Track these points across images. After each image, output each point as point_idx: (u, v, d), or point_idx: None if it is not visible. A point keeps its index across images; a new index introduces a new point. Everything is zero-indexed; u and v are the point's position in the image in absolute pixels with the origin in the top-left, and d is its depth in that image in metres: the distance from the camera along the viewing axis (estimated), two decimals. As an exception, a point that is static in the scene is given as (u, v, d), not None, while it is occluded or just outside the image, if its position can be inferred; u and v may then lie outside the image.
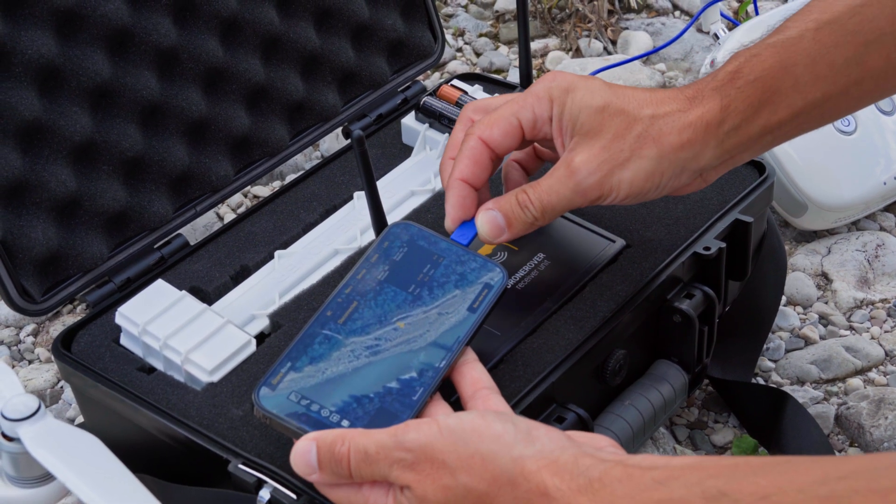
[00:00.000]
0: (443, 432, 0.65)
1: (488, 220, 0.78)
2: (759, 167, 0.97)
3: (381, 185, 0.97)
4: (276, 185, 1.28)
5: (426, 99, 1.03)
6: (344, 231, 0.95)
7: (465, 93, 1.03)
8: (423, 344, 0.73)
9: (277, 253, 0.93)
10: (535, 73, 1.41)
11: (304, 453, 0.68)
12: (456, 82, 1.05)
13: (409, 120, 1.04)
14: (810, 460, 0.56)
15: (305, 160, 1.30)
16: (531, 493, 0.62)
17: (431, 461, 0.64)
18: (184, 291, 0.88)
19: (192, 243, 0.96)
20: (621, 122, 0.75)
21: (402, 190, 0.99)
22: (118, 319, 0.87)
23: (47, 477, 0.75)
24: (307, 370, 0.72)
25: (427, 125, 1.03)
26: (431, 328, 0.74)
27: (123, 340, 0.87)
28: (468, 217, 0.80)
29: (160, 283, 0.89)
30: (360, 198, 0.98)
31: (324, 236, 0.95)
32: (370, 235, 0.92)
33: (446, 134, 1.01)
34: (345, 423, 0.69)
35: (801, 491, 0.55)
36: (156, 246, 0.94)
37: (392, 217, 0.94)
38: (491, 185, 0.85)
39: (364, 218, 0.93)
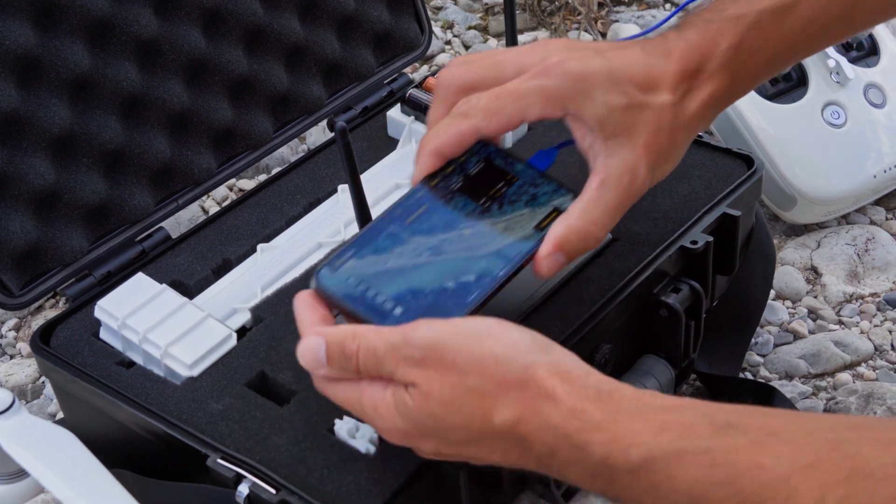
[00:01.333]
0: (458, 331, 0.64)
1: (554, 263, 0.73)
2: (747, 160, 0.96)
3: (366, 177, 0.96)
4: (262, 178, 1.27)
5: (412, 91, 1.02)
6: (328, 224, 0.94)
7: None
8: (485, 252, 0.74)
9: (260, 246, 0.92)
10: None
11: (314, 349, 0.67)
12: None
13: (394, 112, 1.03)
14: (818, 413, 0.57)
15: (292, 153, 1.30)
16: (538, 396, 0.62)
17: (440, 359, 0.64)
18: (164, 285, 0.87)
19: (174, 237, 0.95)
20: (650, 115, 0.74)
21: (387, 183, 0.98)
22: (97, 313, 0.86)
23: (21, 473, 0.74)
24: (369, 259, 0.72)
25: (413, 118, 1.02)
26: (496, 239, 0.75)
27: (103, 334, 0.86)
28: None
29: (140, 277, 0.88)
30: (343, 191, 0.97)
31: (307, 229, 0.94)
32: (354, 229, 0.91)
33: None
34: (398, 310, 0.69)
35: (809, 433, 0.55)
36: (137, 239, 0.93)
37: (376, 211, 0.93)
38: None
39: (348, 211, 0.92)
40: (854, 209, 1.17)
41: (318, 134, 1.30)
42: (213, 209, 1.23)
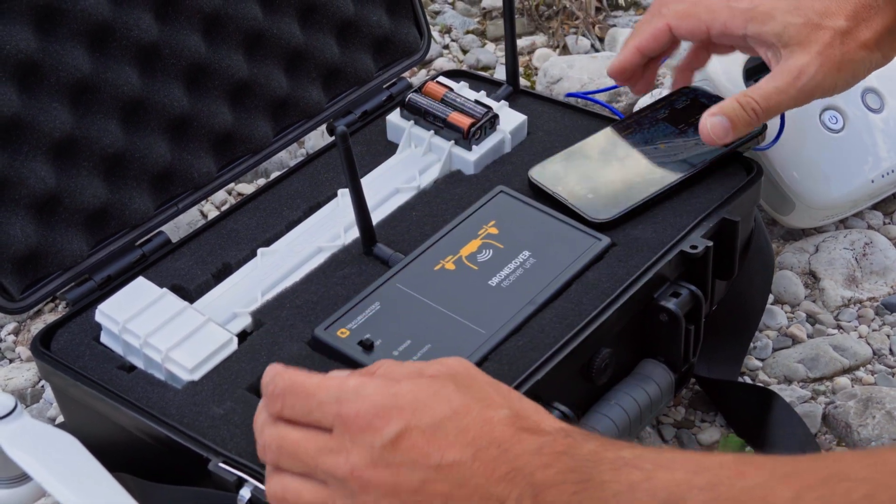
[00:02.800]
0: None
1: (717, 123, 0.89)
2: (746, 165, 0.96)
3: (366, 182, 0.97)
4: (261, 182, 1.27)
5: (411, 96, 1.02)
6: (328, 229, 0.94)
7: (451, 89, 1.02)
8: (674, 160, 0.96)
9: (260, 250, 0.92)
10: (521, 70, 1.40)
11: None
12: (441, 79, 1.04)
13: (394, 117, 1.03)
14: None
15: (291, 157, 1.30)
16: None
17: None
18: (165, 289, 0.87)
19: (174, 241, 0.95)
20: (825, 34, 0.87)
21: (387, 187, 0.98)
22: (98, 317, 0.86)
23: (24, 477, 0.74)
24: (576, 162, 0.96)
25: (412, 122, 1.02)
26: (685, 152, 0.96)
27: (104, 338, 0.86)
28: (625, 73, 0.97)
29: (141, 281, 0.88)
30: (343, 195, 0.97)
31: (307, 234, 0.94)
32: (354, 233, 0.92)
33: (432, 131, 1.00)
34: (590, 195, 0.92)
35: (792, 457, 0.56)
36: (137, 243, 0.93)
37: (376, 215, 0.93)
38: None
39: (348, 215, 0.92)
40: (852, 214, 1.17)
41: (317, 138, 1.30)
42: (212, 213, 1.23)
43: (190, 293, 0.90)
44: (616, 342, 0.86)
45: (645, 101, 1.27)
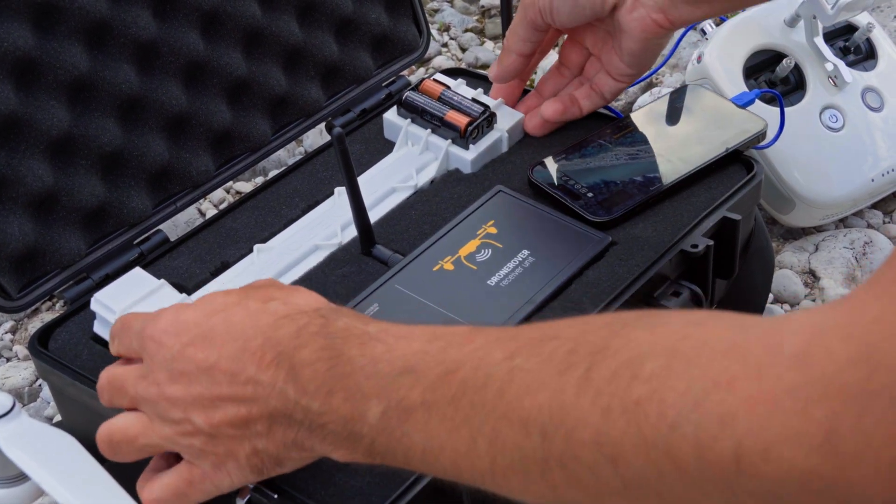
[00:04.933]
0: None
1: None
2: (747, 164, 0.96)
3: (363, 180, 0.96)
4: (259, 181, 1.27)
5: (408, 94, 1.02)
6: (325, 227, 0.94)
7: (448, 87, 1.02)
8: (674, 159, 0.96)
9: (257, 247, 0.92)
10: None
11: None
12: (439, 76, 1.04)
13: (391, 115, 1.03)
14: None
15: (289, 156, 1.29)
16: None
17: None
18: (162, 280, 0.87)
19: (172, 240, 0.94)
20: None
21: (384, 186, 0.97)
22: (93, 305, 0.85)
23: (22, 477, 0.73)
24: (576, 161, 0.96)
25: (409, 120, 1.01)
26: (685, 150, 0.96)
27: (97, 327, 0.86)
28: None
29: (138, 271, 0.88)
30: (340, 193, 0.97)
31: (304, 231, 0.94)
32: (351, 232, 0.91)
33: (429, 129, 1.00)
34: (590, 194, 0.93)
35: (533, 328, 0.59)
36: (135, 242, 0.93)
37: (373, 214, 0.93)
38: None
39: (345, 214, 0.92)
40: (852, 213, 1.17)
41: (315, 136, 1.30)
42: (210, 212, 1.23)
43: (188, 291, 0.89)
44: (616, 341, 0.86)
45: (644, 99, 1.27)
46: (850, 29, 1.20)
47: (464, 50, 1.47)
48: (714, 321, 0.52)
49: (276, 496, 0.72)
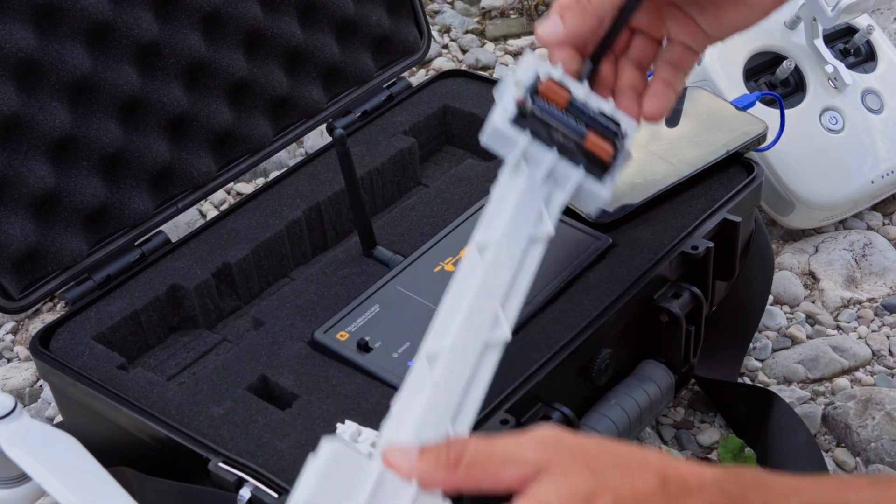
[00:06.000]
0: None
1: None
2: (747, 166, 0.96)
3: (497, 226, 0.91)
4: (260, 182, 1.27)
5: (537, 100, 0.75)
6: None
7: (570, 91, 0.79)
8: (675, 161, 0.94)
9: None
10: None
11: None
12: (554, 74, 0.74)
13: (501, 122, 0.93)
14: None
15: (290, 157, 1.29)
16: None
17: None
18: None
19: (173, 241, 0.94)
20: None
21: (521, 235, 0.92)
22: None
23: (23, 477, 0.74)
24: None
25: (529, 133, 0.90)
26: (686, 152, 0.96)
27: None
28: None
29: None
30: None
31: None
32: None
33: (554, 149, 0.88)
34: None
35: None
36: (136, 243, 0.93)
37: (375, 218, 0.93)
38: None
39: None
40: (851, 214, 1.17)
41: (316, 138, 1.30)
42: (211, 213, 1.23)
43: (190, 293, 0.89)
44: (616, 343, 0.86)
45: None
46: (851, 31, 1.20)
47: (464, 51, 1.48)
48: None
49: (276, 496, 0.72)
